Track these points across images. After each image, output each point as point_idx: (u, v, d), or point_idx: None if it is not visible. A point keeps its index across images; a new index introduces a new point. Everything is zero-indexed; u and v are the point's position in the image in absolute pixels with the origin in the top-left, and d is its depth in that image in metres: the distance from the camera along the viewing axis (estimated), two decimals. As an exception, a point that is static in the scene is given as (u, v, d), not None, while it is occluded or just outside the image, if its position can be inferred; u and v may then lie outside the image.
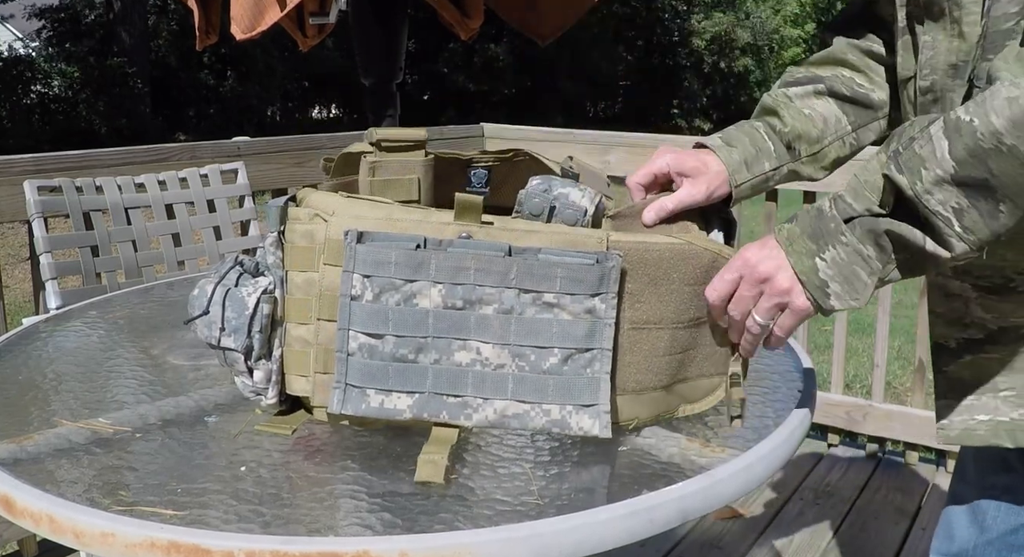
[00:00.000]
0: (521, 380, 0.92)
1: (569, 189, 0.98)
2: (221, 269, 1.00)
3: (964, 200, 0.82)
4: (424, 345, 0.92)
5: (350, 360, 0.92)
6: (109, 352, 1.27)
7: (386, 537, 0.76)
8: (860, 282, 0.88)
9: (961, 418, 1.01)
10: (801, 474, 2.72)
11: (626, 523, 0.80)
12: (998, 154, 0.79)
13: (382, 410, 0.92)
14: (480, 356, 0.92)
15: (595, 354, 0.92)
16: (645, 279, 0.95)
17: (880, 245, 0.87)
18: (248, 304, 0.96)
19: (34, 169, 2.15)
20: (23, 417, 1.03)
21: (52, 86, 14.33)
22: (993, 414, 0.99)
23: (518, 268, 0.91)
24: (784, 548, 2.32)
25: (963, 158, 0.80)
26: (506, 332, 0.92)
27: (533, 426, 0.92)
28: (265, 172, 2.71)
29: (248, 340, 0.96)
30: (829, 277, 0.88)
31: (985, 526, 1.16)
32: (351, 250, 0.92)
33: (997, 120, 0.78)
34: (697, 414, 1.04)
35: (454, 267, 0.91)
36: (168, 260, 2.17)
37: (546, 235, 0.94)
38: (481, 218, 0.94)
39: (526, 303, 0.92)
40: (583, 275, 0.91)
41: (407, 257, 0.91)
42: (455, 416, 0.92)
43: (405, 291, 0.91)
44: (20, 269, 5.86)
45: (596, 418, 0.92)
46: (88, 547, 0.79)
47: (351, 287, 0.92)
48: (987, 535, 1.16)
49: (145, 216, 2.13)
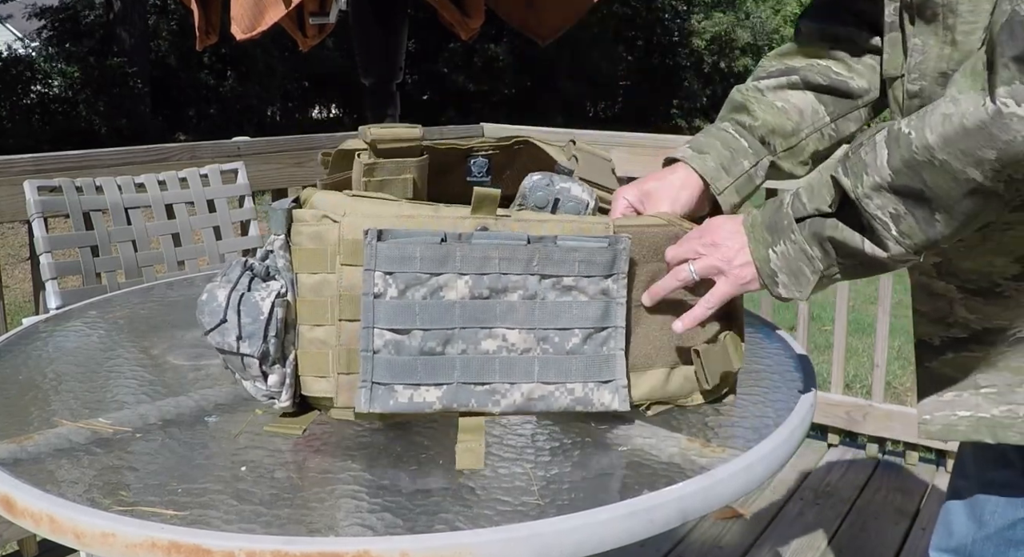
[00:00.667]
0: (546, 362, 0.96)
1: (570, 184, 1.02)
2: (230, 274, 0.98)
3: (901, 207, 0.84)
4: (451, 336, 0.94)
5: (376, 358, 0.93)
6: (109, 352, 1.27)
7: (387, 537, 0.76)
8: (804, 278, 0.93)
9: (943, 414, 1.02)
10: (801, 474, 2.72)
11: (626, 523, 0.80)
12: (931, 167, 0.81)
13: (411, 405, 0.94)
14: (506, 343, 0.95)
15: (610, 332, 0.97)
16: (645, 259, 1.00)
17: (824, 248, 0.91)
18: (263, 309, 0.95)
19: (34, 169, 2.15)
20: (23, 417, 1.03)
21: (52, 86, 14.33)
22: (975, 410, 0.99)
23: (539, 255, 0.95)
24: (784, 548, 2.32)
25: (899, 168, 0.82)
26: (530, 317, 0.95)
27: (558, 406, 0.96)
28: (265, 172, 2.71)
29: (264, 345, 0.95)
30: (779, 268, 0.94)
31: (983, 521, 1.16)
32: (372, 248, 0.92)
33: (931, 135, 0.80)
34: (697, 414, 1.04)
35: (480, 258, 0.94)
36: (168, 260, 2.17)
37: (557, 223, 0.98)
38: (497, 210, 0.97)
39: (547, 288, 0.96)
40: (597, 258, 0.96)
41: (432, 251, 0.93)
42: (483, 404, 0.95)
43: (431, 285, 0.94)
44: (20, 269, 5.86)
45: (615, 393, 0.97)
46: (88, 547, 0.79)
47: (373, 285, 0.93)
48: (985, 530, 1.16)
49: (145, 216, 2.13)
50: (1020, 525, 1.15)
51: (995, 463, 1.14)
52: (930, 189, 0.82)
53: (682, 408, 1.06)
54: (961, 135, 0.78)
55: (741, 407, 1.07)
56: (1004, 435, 0.97)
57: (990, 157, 0.78)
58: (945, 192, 0.81)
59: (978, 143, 0.77)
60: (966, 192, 0.81)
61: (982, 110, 0.77)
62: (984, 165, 0.78)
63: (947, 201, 0.82)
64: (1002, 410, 0.97)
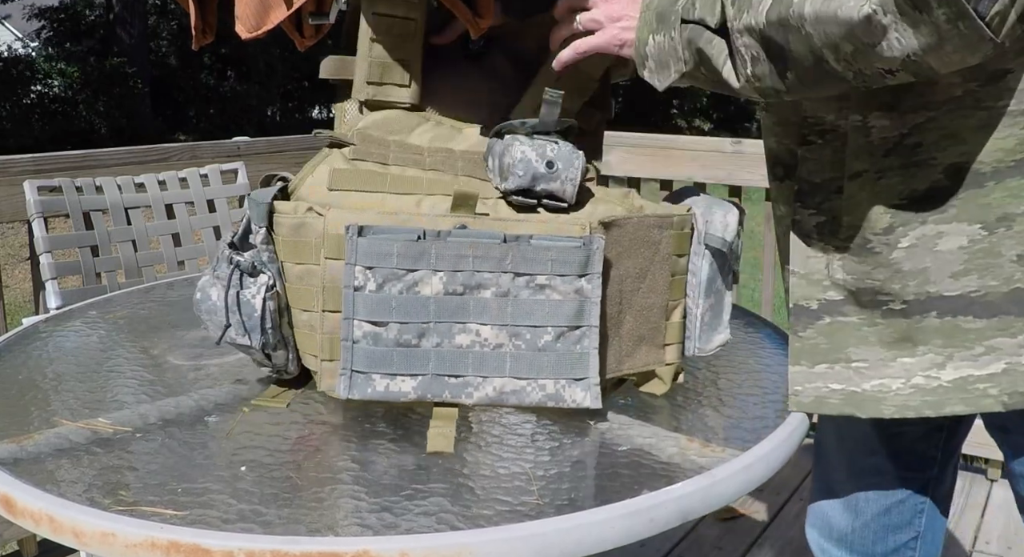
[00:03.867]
0: (518, 358, 0.98)
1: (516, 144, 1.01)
2: (219, 270, 1.02)
3: (762, 53, 0.88)
4: (426, 330, 0.97)
5: (355, 348, 0.97)
6: (109, 352, 1.27)
7: (386, 537, 0.76)
8: (667, 72, 0.98)
9: (814, 386, 1.01)
10: (801, 474, 2.72)
11: (626, 523, 0.80)
12: (797, 33, 0.84)
13: (387, 394, 0.98)
14: (479, 337, 0.98)
15: (584, 331, 0.99)
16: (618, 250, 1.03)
17: (693, 55, 0.95)
18: (255, 305, 1.01)
19: (34, 169, 2.15)
20: (23, 417, 1.03)
21: (52, 86, 14.32)
22: (847, 384, 0.99)
23: (513, 254, 0.97)
24: (784, 548, 2.32)
25: (773, 21, 0.85)
26: (503, 313, 0.98)
27: (530, 401, 0.98)
28: (265, 172, 2.70)
29: (263, 337, 1.02)
30: (651, 54, 0.99)
31: (859, 510, 1.21)
32: (352, 243, 0.96)
33: (808, 8, 0.82)
34: (697, 414, 1.04)
35: (454, 255, 0.97)
36: (168, 260, 2.17)
37: (534, 224, 1.00)
38: (476, 210, 1.00)
39: (520, 286, 0.98)
40: (571, 257, 0.97)
41: (408, 248, 0.96)
42: (456, 395, 0.98)
43: (407, 280, 0.97)
44: (20, 269, 5.86)
45: (587, 390, 0.99)
46: (88, 547, 0.79)
47: (353, 279, 0.96)
48: (862, 518, 1.21)
49: (145, 216, 2.13)
50: (895, 509, 1.18)
51: (862, 452, 1.18)
52: (790, 50, 0.85)
53: (682, 408, 1.06)
54: (831, 20, 0.80)
55: (741, 407, 1.07)
56: (876, 409, 0.97)
57: (847, 49, 0.81)
58: (801, 58, 0.85)
59: (841, 34, 0.80)
60: (818, 65, 0.85)
61: (856, 9, 0.79)
62: (839, 52, 0.82)
63: (800, 66, 0.86)
64: (873, 385, 0.97)
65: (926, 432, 1.17)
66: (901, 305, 0.94)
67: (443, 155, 1.08)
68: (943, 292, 0.92)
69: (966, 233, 0.90)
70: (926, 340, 0.93)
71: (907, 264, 0.93)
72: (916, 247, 0.93)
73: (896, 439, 1.17)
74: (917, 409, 0.94)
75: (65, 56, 15.53)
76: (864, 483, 1.20)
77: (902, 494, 1.19)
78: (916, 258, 0.93)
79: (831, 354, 1.00)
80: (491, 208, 1.03)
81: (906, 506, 1.20)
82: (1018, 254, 0.89)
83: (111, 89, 14.03)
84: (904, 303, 0.94)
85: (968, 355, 0.92)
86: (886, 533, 1.21)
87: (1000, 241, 0.90)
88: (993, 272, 0.90)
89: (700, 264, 1.08)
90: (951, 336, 0.92)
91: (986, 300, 0.91)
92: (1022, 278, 0.89)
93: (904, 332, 0.95)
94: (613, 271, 1.02)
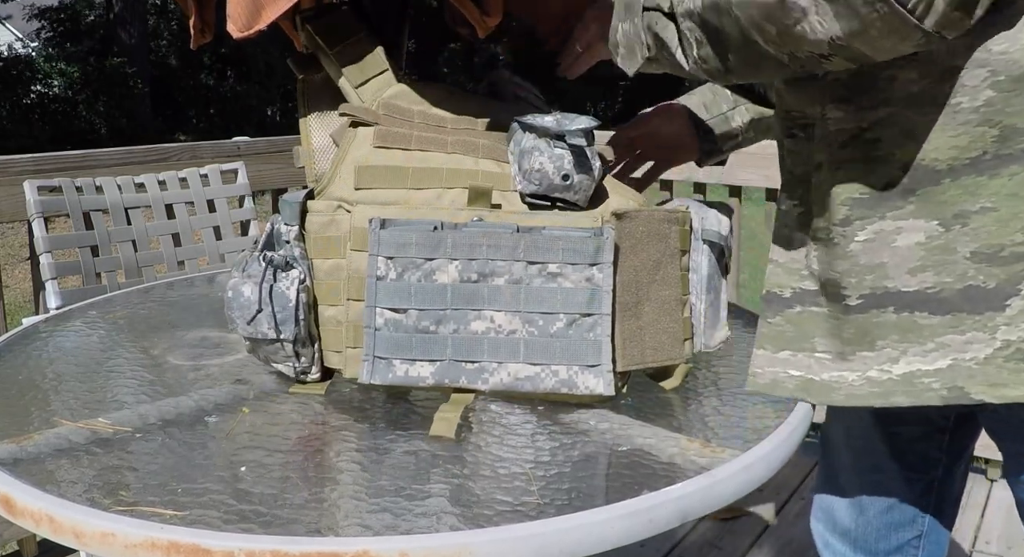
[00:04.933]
0: (531, 344, 1.01)
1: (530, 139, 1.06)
2: (250, 269, 1.06)
3: (703, 36, 0.90)
4: (443, 317, 1.01)
5: (377, 334, 1.02)
6: (109, 352, 1.27)
7: (386, 537, 0.76)
8: (634, 58, 1.00)
9: (774, 370, 1.02)
10: (801, 474, 2.72)
11: (626, 523, 0.80)
12: (727, 16, 0.85)
13: (407, 378, 1.02)
14: (494, 324, 1.01)
15: (596, 319, 1.01)
16: (632, 241, 1.05)
17: (652, 40, 0.97)
18: (290, 297, 1.04)
19: (34, 169, 2.15)
20: (23, 417, 1.03)
21: (52, 86, 14.33)
22: (806, 371, 1.00)
23: (525, 242, 1.01)
24: (784, 548, 2.32)
25: (707, 4, 0.87)
26: (516, 300, 1.01)
27: (544, 388, 1.01)
28: (265, 172, 2.71)
29: (296, 328, 1.05)
30: (621, 42, 1.01)
31: (863, 506, 1.21)
32: (376, 236, 1.01)
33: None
34: (697, 414, 1.04)
35: (469, 244, 1.01)
36: (168, 260, 2.17)
37: (547, 216, 1.04)
38: (491, 203, 1.04)
39: (533, 274, 1.01)
40: (582, 246, 1.01)
41: (426, 238, 1.01)
42: (472, 381, 1.02)
43: (425, 269, 1.01)
44: (20, 269, 5.86)
45: (600, 377, 1.01)
46: (88, 547, 0.79)
47: (376, 268, 1.01)
48: (865, 515, 1.22)
49: (145, 216, 2.13)
50: (897, 508, 1.19)
51: (866, 449, 1.20)
52: (724, 33, 0.87)
53: (682, 408, 1.06)
54: (752, 2, 0.82)
55: (741, 407, 1.07)
56: (828, 397, 0.97)
57: (771, 31, 0.82)
58: (735, 40, 0.87)
59: (763, 15, 0.81)
60: (751, 47, 0.86)
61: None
62: (765, 34, 0.83)
63: (737, 47, 0.87)
64: (832, 376, 0.98)
65: (926, 433, 1.17)
66: (857, 300, 0.95)
67: (465, 135, 1.10)
68: (901, 287, 0.92)
69: (923, 230, 0.90)
70: (884, 335, 0.94)
71: (863, 258, 0.94)
72: (874, 241, 0.93)
73: (895, 438, 1.18)
74: (865, 398, 0.95)
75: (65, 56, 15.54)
76: (867, 480, 1.20)
77: (905, 493, 1.19)
78: (873, 252, 0.93)
79: (796, 342, 1.01)
80: (507, 199, 1.06)
81: (909, 505, 1.20)
82: (972, 251, 0.89)
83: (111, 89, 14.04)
84: (860, 298, 0.94)
85: (920, 351, 0.92)
86: (888, 531, 1.21)
87: (956, 238, 0.89)
88: (948, 269, 0.90)
89: (700, 260, 1.11)
90: (907, 331, 0.92)
91: (941, 297, 0.90)
92: (975, 275, 0.89)
93: (862, 327, 0.95)
94: (628, 261, 1.04)
